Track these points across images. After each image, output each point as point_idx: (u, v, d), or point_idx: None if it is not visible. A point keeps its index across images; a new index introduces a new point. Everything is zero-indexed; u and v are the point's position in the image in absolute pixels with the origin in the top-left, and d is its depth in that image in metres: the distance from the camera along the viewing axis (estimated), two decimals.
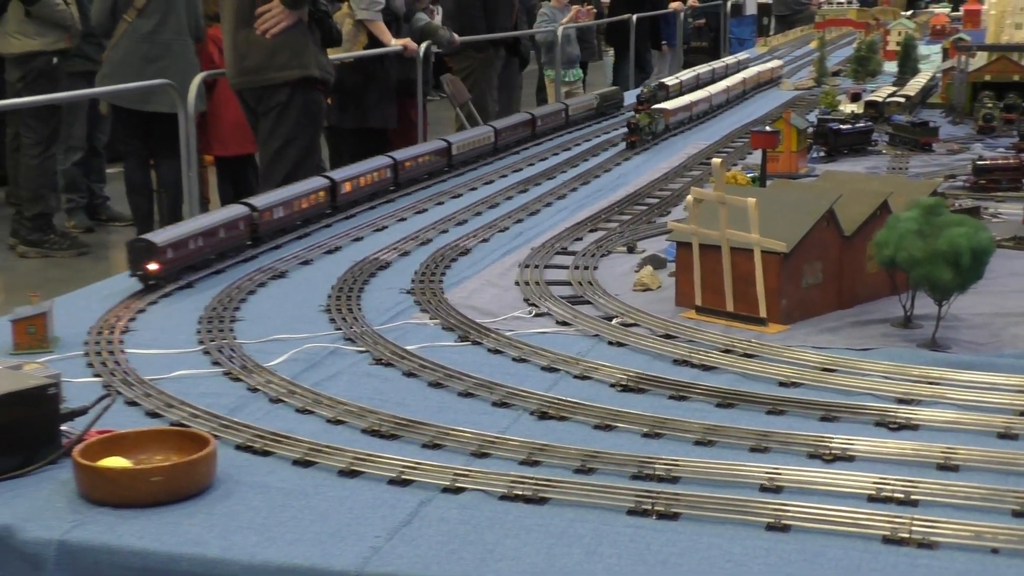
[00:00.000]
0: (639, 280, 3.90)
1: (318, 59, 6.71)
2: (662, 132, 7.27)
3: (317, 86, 6.75)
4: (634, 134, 6.96)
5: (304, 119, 6.71)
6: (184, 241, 4.06)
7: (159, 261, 3.91)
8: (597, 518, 2.28)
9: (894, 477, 2.39)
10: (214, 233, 4.23)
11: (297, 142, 6.70)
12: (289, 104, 6.66)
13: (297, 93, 6.66)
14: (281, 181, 6.69)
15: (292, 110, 6.67)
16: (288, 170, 6.70)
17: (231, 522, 2.28)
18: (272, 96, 6.67)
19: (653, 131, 7.09)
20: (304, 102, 6.69)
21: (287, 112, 6.67)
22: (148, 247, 3.92)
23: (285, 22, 6.55)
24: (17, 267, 9.56)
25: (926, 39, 13.04)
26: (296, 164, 6.70)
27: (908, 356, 3.15)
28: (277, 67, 6.61)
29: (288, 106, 6.66)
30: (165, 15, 9.13)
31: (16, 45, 9.43)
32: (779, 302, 3.43)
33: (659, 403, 2.89)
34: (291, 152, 6.73)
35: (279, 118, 6.71)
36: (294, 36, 6.60)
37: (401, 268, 4.18)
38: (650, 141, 7.03)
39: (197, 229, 4.15)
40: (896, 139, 6.60)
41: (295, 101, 6.65)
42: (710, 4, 18.55)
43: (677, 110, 7.66)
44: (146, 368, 3.13)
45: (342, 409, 2.81)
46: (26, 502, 2.35)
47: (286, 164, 6.72)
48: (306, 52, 6.63)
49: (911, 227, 3.15)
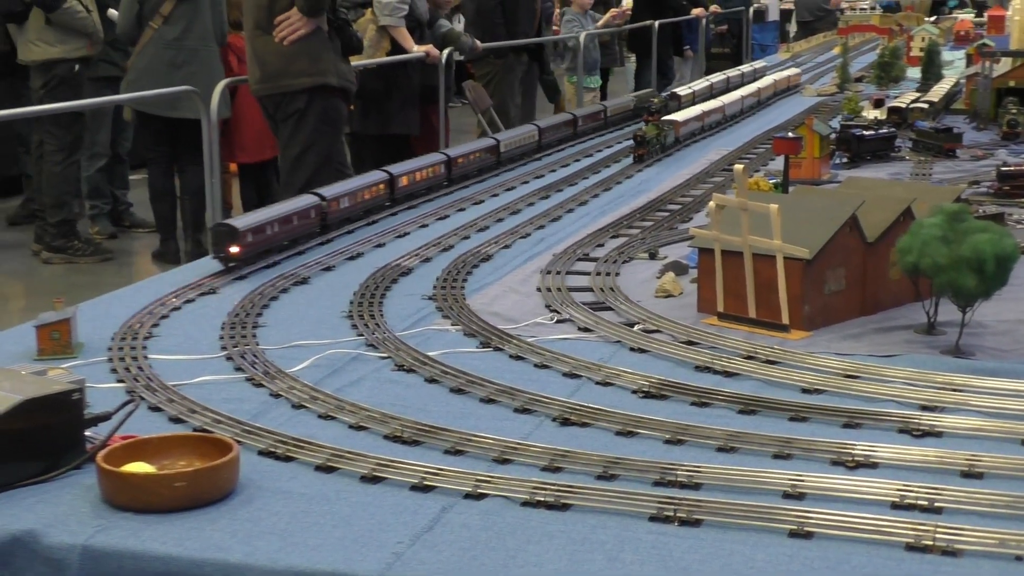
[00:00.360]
0: (661, 286, 3.90)
1: (336, 67, 6.73)
2: (671, 145, 6.98)
3: (336, 93, 6.77)
4: (641, 147, 6.60)
5: (323, 126, 6.74)
6: (262, 227, 4.33)
7: (240, 244, 4.18)
8: (619, 524, 2.28)
9: (918, 484, 2.38)
10: (288, 220, 4.52)
11: (315, 148, 6.73)
12: (307, 111, 6.69)
13: (315, 100, 6.69)
14: (301, 187, 6.73)
15: (310, 117, 6.71)
16: (308, 176, 6.73)
17: (254, 527, 2.28)
18: (290, 103, 6.71)
19: (662, 143, 6.81)
20: (322, 109, 6.71)
21: (305, 119, 6.71)
22: (231, 231, 4.18)
23: (303, 29, 6.58)
24: (41, 273, 9.61)
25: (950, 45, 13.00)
26: (316, 170, 6.73)
27: (932, 363, 3.14)
28: (294, 74, 6.65)
29: (306, 113, 6.70)
30: (191, 22, 9.19)
31: (37, 52, 9.48)
32: (802, 308, 3.42)
33: (681, 409, 2.88)
34: (310, 158, 6.76)
35: (297, 125, 6.75)
36: (312, 43, 6.63)
37: (423, 274, 4.18)
38: (658, 154, 6.75)
39: (274, 216, 4.44)
40: (919, 145, 6.58)
41: (313, 108, 6.68)
42: (732, 10, 18.53)
43: (687, 121, 7.35)
44: (169, 374, 3.14)
45: (364, 415, 2.82)
46: (50, 507, 2.36)
47: (306, 170, 6.75)
48: (323, 59, 6.66)
49: (935, 233, 3.14)
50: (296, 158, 6.82)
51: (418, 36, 9.27)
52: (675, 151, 6.89)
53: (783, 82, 10.03)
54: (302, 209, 4.62)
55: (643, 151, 6.58)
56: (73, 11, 9.33)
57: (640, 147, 6.60)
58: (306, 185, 6.74)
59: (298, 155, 6.80)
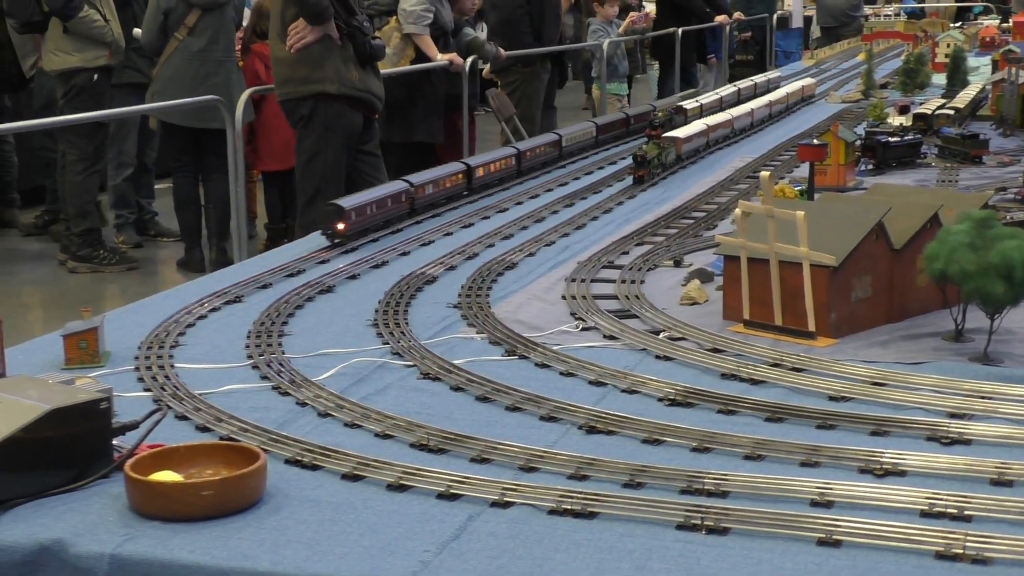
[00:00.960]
0: (686, 294, 3.89)
1: (340, 74, 6.77)
2: (673, 164, 6.46)
3: (341, 101, 6.81)
4: (641, 168, 6.04)
5: (327, 133, 6.81)
6: (363, 207, 4.86)
7: (345, 222, 4.68)
8: (646, 533, 2.27)
9: (947, 492, 2.36)
10: (384, 203, 5.03)
11: (322, 156, 6.81)
12: (311, 118, 6.79)
13: (318, 107, 6.77)
14: (311, 194, 6.81)
15: (315, 124, 6.80)
16: (317, 183, 6.82)
17: (281, 536, 2.28)
18: (295, 110, 6.84)
19: (663, 163, 6.26)
20: (326, 116, 6.78)
21: (310, 126, 6.81)
22: (338, 210, 4.69)
23: (308, 37, 6.68)
24: (68, 282, 9.66)
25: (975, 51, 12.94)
26: (324, 178, 6.81)
27: (960, 370, 3.13)
28: (297, 81, 6.79)
29: (310, 120, 6.79)
30: (216, 33, 9.25)
31: (56, 62, 9.54)
32: (828, 316, 3.41)
33: (707, 417, 2.87)
34: (317, 166, 6.84)
35: (303, 132, 6.87)
36: (316, 51, 6.72)
37: (448, 282, 4.19)
38: (659, 175, 6.21)
39: (372, 199, 4.97)
40: (946, 151, 6.55)
41: (317, 115, 6.77)
42: (756, 17, 18.49)
43: (691, 137, 6.79)
44: (196, 383, 3.15)
45: (390, 423, 2.82)
46: (78, 516, 2.37)
47: (314, 177, 6.84)
48: (325, 67, 6.73)
49: (962, 240, 3.13)
50: (305, 164, 6.92)
51: (442, 44, 9.29)
52: (671, 174, 6.35)
53: (796, 93, 9.42)
54: (395, 193, 5.12)
55: (643, 172, 6.04)
56: (89, 20, 9.36)
57: (640, 167, 6.06)
58: (315, 193, 6.81)
59: (306, 162, 6.90)
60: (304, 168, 6.94)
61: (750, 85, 9.43)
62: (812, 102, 9.74)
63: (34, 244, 10.93)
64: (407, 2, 8.99)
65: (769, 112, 8.56)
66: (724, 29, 17.15)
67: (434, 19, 9.13)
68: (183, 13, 9.18)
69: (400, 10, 9.04)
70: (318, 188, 6.86)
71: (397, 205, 5.15)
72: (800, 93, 9.48)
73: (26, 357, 3.38)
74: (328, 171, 6.84)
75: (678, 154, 6.49)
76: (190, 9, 9.18)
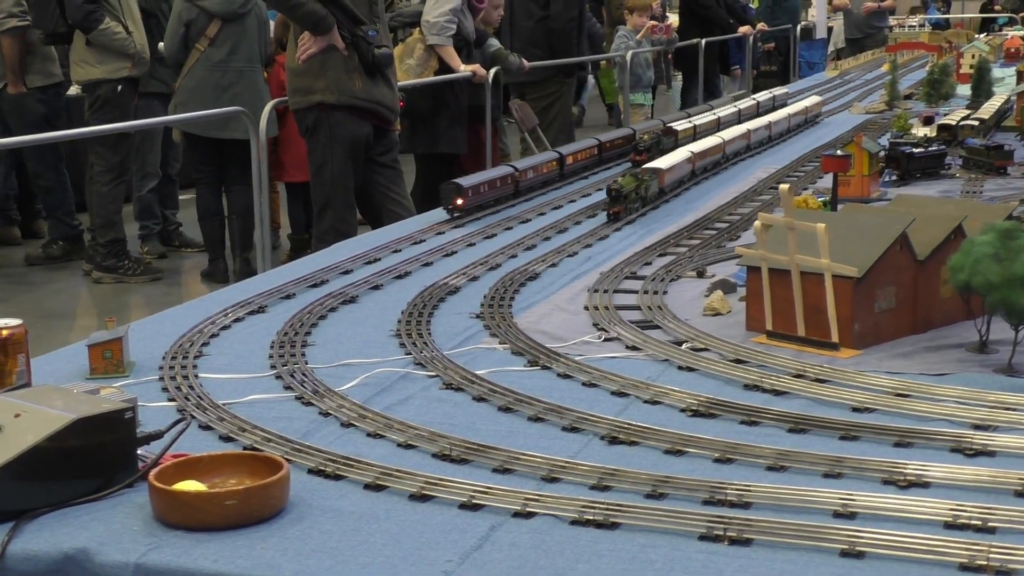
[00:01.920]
0: (709, 305, 3.89)
1: (342, 84, 6.79)
2: (655, 198, 5.74)
3: (345, 111, 6.83)
4: (617, 204, 5.33)
5: (332, 143, 6.85)
6: (478, 186, 5.56)
7: (463, 198, 5.38)
8: (669, 543, 2.27)
9: (971, 504, 2.36)
10: (494, 184, 5.72)
11: (328, 166, 6.86)
12: (316, 128, 6.85)
13: (322, 118, 6.81)
14: (322, 204, 6.86)
15: (320, 134, 6.86)
16: (326, 193, 6.86)
17: (304, 545, 2.29)
18: (301, 121, 6.94)
19: (642, 197, 5.54)
20: (330, 126, 6.82)
21: (315, 136, 6.88)
22: (458, 188, 5.41)
23: (312, 48, 6.72)
24: (93, 293, 9.71)
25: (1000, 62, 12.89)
26: (333, 187, 6.85)
27: (984, 381, 3.11)
28: (301, 92, 6.87)
29: (315, 130, 6.86)
30: (237, 43, 9.29)
31: (80, 73, 9.60)
32: (851, 327, 3.40)
33: (730, 428, 2.87)
34: (325, 175, 6.89)
35: (310, 142, 6.95)
36: (317, 61, 6.78)
37: (470, 293, 4.19)
38: (638, 210, 5.52)
39: (486, 179, 5.68)
40: (970, 163, 6.53)
41: (321, 125, 6.83)
42: (780, 28, 18.47)
43: (675, 167, 6.00)
44: (219, 392, 3.16)
45: (413, 433, 2.82)
46: (103, 525, 2.38)
47: (323, 187, 6.90)
48: (325, 77, 6.77)
49: (986, 251, 3.12)
50: (315, 175, 6.99)
51: (465, 55, 9.32)
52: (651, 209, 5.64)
53: (800, 113, 8.64)
54: (503, 176, 5.84)
55: (618, 208, 5.34)
56: (111, 32, 9.40)
57: (615, 203, 5.34)
58: (326, 203, 6.86)
59: (315, 172, 6.97)
60: (314, 178, 7.00)
61: (751, 104, 8.67)
62: (818, 122, 9.07)
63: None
64: (430, 13, 9.02)
65: (769, 134, 7.86)
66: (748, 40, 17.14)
67: (457, 30, 9.15)
68: (204, 24, 9.22)
69: (423, 21, 9.07)
70: (328, 198, 6.89)
71: (504, 186, 5.81)
72: (804, 113, 8.76)
73: (51, 367, 3.40)
74: (335, 181, 6.87)
75: (661, 187, 5.79)
76: (211, 20, 9.23)
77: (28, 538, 2.34)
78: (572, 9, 10.99)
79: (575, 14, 11.03)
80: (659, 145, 6.61)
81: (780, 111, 8.48)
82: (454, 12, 9.04)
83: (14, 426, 2.45)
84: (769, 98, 9.11)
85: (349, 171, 6.93)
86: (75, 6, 9.24)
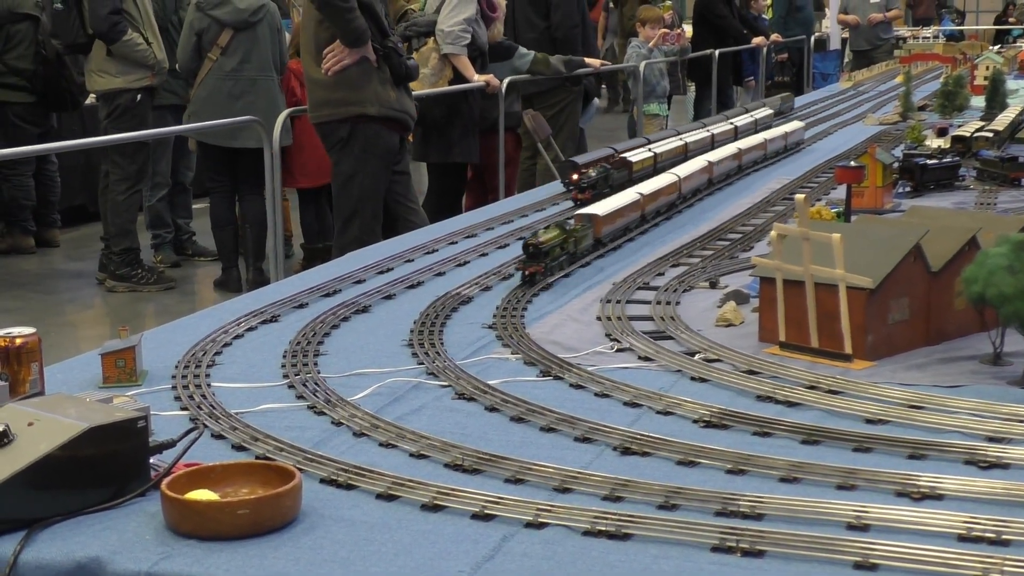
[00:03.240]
0: (722, 315, 3.88)
1: (379, 96, 6.80)
2: (589, 251, 4.70)
3: (380, 123, 6.84)
4: (534, 262, 4.22)
5: (365, 155, 6.84)
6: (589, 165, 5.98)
7: (579, 173, 5.78)
8: (681, 555, 2.27)
9: (984, 516, 2.34)
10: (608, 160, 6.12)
11: (359, 177, 6.84)
12: (350, 140, 6.81)
13: (357, 129, 6.80)
14: (348, 215, 6.85)
15: (353, 146, 6.82)
16: (354, 204, 6.85)
17: (316, 555, 2.29)
18: (334, 132, 6.87)
19: (570, 253, 4.47)
20: (364, 138, 6.81)
21: (348, 148, 6.84)
22: (573, 165, 6.02)
23: (346, 60, 6.70)
24: (106, 301, 9.73)
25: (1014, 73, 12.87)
26: (361, 199, 6.84)
27: (998, 394, 3.10)
28: (335, 103, 6.81)
29: (349, 142, 6.82)
30: (249, 52, 9.32)
31: (100, 83, 9.63)
32: (865, 338, 3.39)
33: (743, 439, 2.86)
34: (354, 187, 6.87)
35: (340, 153, 6.90)
36: (355, 73, 6.75)
37: (483, 303, 4.19)
38: (564, 269, 4.46)
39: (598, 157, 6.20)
40: (984, 174, 6.51)
41: (355, 137, 6.80)
42: (793, 39, 18.46)
43: (615, 214, 4.93)
44: (232, 402, 3.16)
45: (425, 443, 2.82)
46: (115, 534, 2.38)
47: (351, 199, 6.87)
48: (364, 89, 6.76)
49: (1001, 263, 3.11)
50: (342, 186, 6.95)
51: (479, 65, 9.33)
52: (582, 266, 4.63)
53: (779, 139, 7.46)
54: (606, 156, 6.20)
55: (536, 268, 4.23)
56: (133, 43, 9.44)
57: (531, 261, 4.22)
58: (352, 214, 6.86)
59: (343, 183, 6.93)
60: (341, 189, 6.98)
61: (728, 128, 7.60)
62: (798, 151, 7.91)
63: (72, 263, 11.01)
64: (445, 23, 9.03)
65: (738, 164, 6.81)
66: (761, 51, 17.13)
67: (471, 40, 9.17)
68: (216, 33, 9.26)
69: (438, 31, 9.08)
70: (355, 209, 6.89)
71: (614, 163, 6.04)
72: (784, 140, 7.59)
73: (64, 375, 3.41)
74: (365, 192, 6.88)
75: (598, 237, 4.76)
76: (222, 29, 9.26)
77: (40, 547, 2.34)
78: (573, 17, 10.98)
79: (577, 21, 11.02)
80: (607, 180, 5.68)
81: (758, 135, 7.42)
82: (468, 22, 9.05)
83: (27, 434, 2.45)
84: (751, 121, 8.11)
85: (381, 182, 6.95)
86: (100, 17, 9.27)
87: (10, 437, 2.44)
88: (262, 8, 9.40)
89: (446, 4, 9.02)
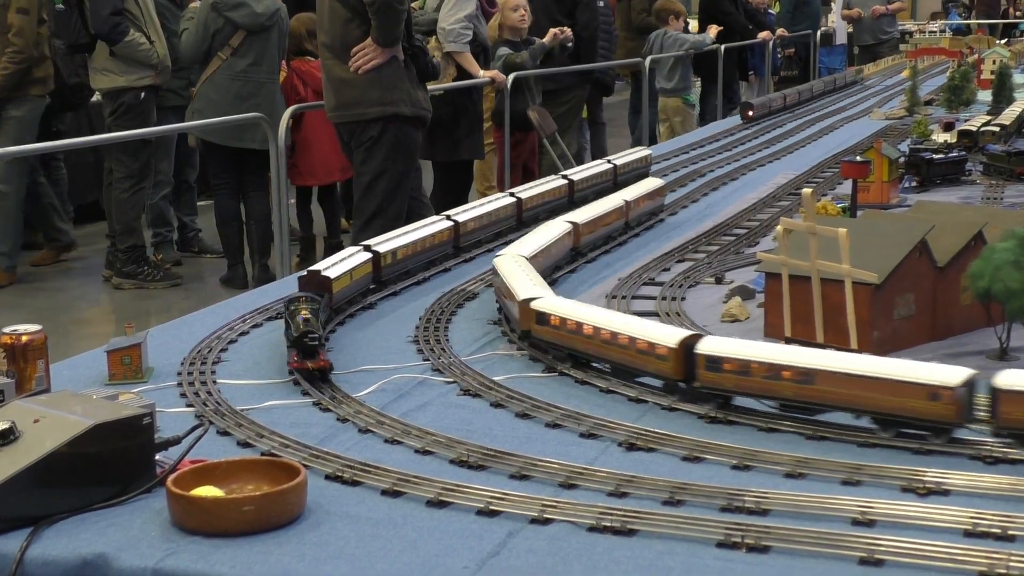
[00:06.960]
0: (727, 311, 3.88)
1: (410, 95, 6.79)
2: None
3: (410, 122, 6.82)
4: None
5: (394, 153, 6.80)
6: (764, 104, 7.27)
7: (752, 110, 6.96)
8: (686, 550, 2.27)
9: (990, 512, 2.34)
10: None
11: (386, 176, 6.79)
12: (380, 139, 6.76)
13: (388, 129, 6.75)
14: (371, 213, 6.82)
15: (383, 145, 6.77)
16: (379, 203, 6.81)
17: (321, 551, 2.29)
18: (364, 131, 6.79)
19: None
20: (395, 137, 6.77)
21: (377, 147, 6.78)
22: (748, 105, 7.11)
23: (377, 59, 6.65)
24: (112, 298, 9.74)
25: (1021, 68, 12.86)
26: (386, 197, 6.80)
27: None
28: (367, 103, 6.73)
29: (379, 141, 6.76)
30: (260, 55, 9.33)
31: (104, 81, 9.63)
32: (871, 333, 3.39)
33: (748, 435, 2.86)
34: (380, 186, 6.83)
35: (369, 152, 6.83)
36: (386, 73, 6.69)
37: (488, 299, 4.18)
38: None
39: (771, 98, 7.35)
40: (991, 169, 6.50)
41: (386, 136, 6.74)
42: (800, 33, 18.43)
43: None
44: (237, 398, 3.16)
45: (430, 439, 2.82)
46: (121, 531, 2.39)
47: (376, 197, 6.83)
48: (397, 89, 6.72)
49: (1007, 258, 3.11)
50: (368, 185, 6.90)
51: (483, 61, 9.32)
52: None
53: (636, 203, 5.26)
54: None
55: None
56: (135, 43, 9.43)
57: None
58: (376, 212, 6.83)
59: (370, 182, 6.88)
60: (366, 188, 6.91)
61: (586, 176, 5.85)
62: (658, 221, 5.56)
63: (79, 261, 11.02)
64: (446, 21, 9.02)
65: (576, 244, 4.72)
66: (767, 45, 17.10)
67: (473, 36, 9.16)
68: (228, 34, 9.26)
69: (439, 29, 9.07)
70: (380, 207, 6.86)
71: None
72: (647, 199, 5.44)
73: (70, 372, 3.42)
74: (391, 191, 6.84)
75: None
76: (235, 30, 9.26)
77: (47, 544, 2.34)
78: (597, 18, 11.01)
79: (600, 22, 11.06)
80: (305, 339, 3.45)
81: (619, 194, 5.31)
82: (469, 18, 9.04)
83: (33, 432, 2.45)
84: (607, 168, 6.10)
85: (407, 181, 6.93)
86: (101, 18, 9.27)
87: (16, 434, 2.45)
88: (276, 12, 9.40)
89: (446, 2, 9.01)
